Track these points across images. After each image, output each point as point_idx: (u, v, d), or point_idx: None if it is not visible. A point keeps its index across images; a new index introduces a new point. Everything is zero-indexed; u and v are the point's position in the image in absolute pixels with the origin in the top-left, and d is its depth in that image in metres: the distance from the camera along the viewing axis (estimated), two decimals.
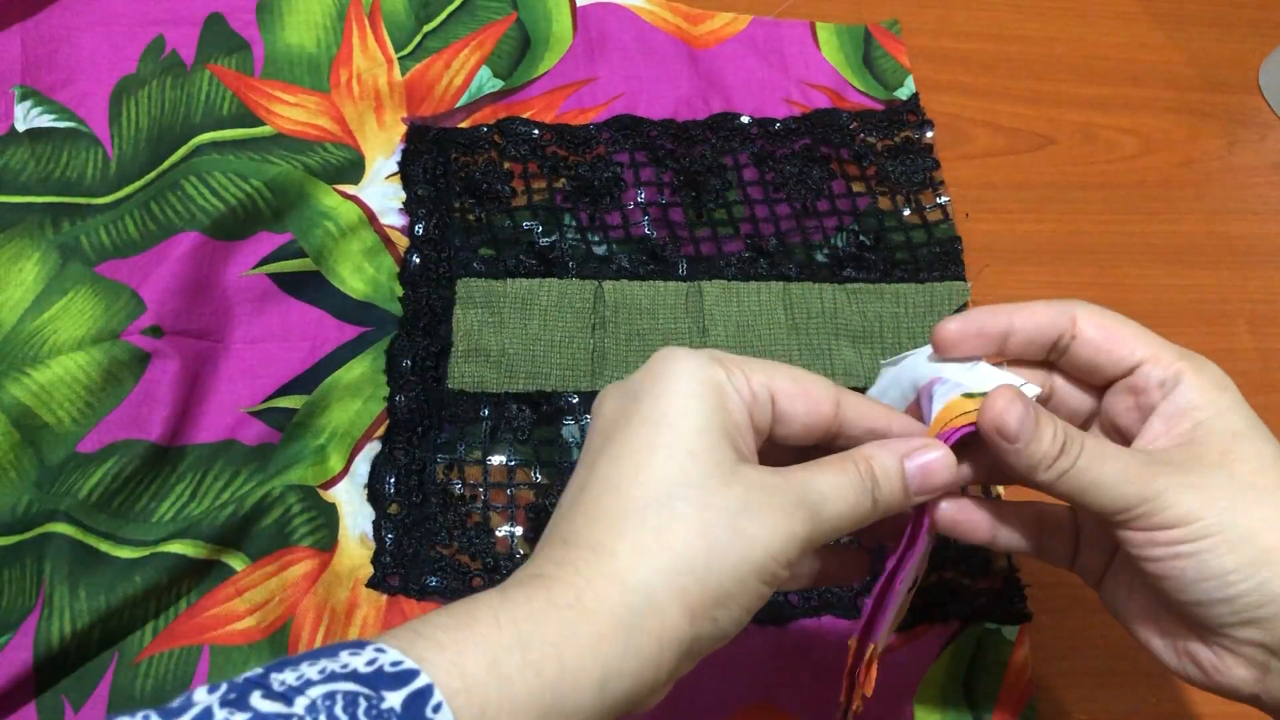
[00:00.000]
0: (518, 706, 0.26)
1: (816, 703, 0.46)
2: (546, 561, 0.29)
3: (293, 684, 0.25)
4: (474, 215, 0.56)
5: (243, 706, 0.24)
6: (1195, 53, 0.54)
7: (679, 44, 0.62)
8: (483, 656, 0.26)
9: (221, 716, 0.24)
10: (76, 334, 0.50)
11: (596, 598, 0.28)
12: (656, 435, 0.30)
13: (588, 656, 0.27)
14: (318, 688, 0.24)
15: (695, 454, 0.30)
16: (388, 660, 0.25)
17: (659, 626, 0.28)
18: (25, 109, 0.56)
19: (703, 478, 0.29)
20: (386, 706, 0.24)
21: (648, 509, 0.29)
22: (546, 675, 0.27)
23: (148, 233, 0.52)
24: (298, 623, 0.46)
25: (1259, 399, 0.54)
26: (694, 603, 0.29)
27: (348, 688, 0.25)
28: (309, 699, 0.24)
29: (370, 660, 0.25)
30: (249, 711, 0.24)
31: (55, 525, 0.46)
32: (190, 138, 0.55)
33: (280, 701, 0.24)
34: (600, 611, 0.28)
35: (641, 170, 0.58)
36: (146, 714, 0.24)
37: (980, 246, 0.57)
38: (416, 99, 0.58)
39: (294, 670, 0.25)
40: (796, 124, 0.60)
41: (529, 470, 0.50)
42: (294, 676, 0.25)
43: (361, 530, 0.48)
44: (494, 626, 0.27)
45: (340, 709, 0.24)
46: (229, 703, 0.24)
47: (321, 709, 0.24)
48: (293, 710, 0.24)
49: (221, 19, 0.59)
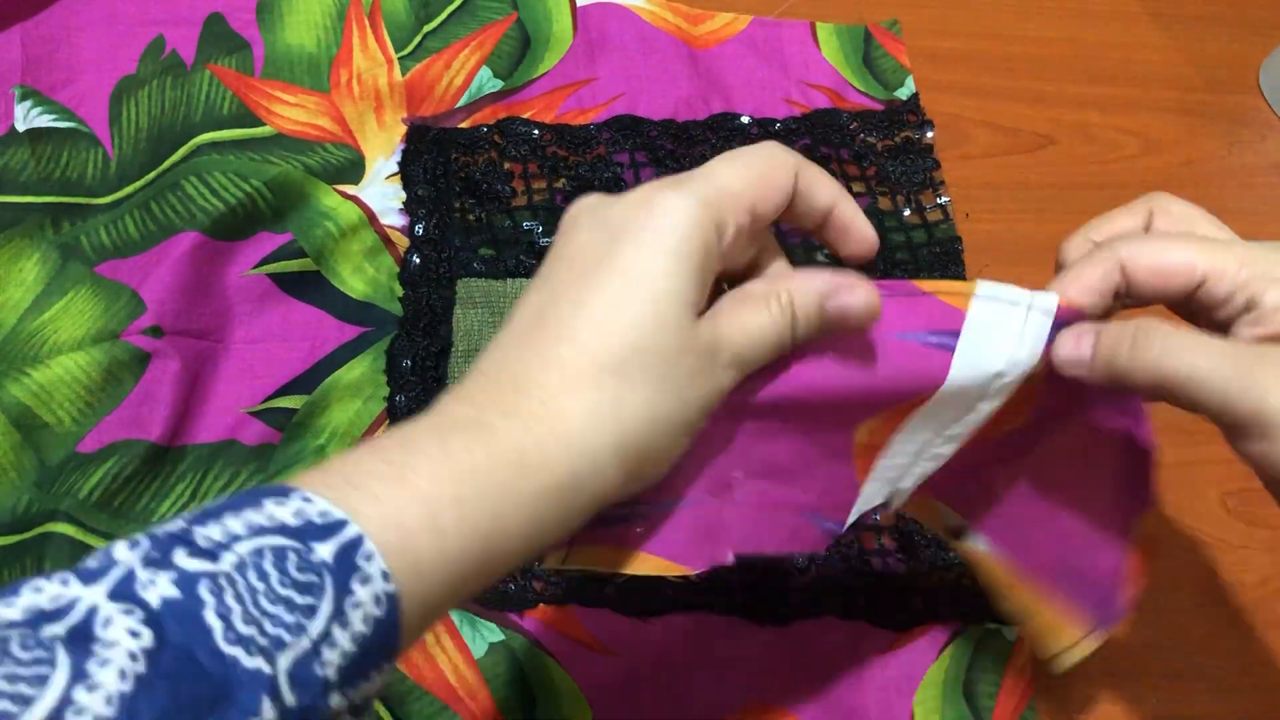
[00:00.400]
0: (450, 559, 0.26)
1: (816, 702, 0.46)
2: (492, 406, 0.29)
3: (219, 540, 0.24)
4: (474, 215, 0.56)
5: (166, 565, 0.23)
6: (1195, 53, 0.54)
7: (679, 44, 0.62)
8: (420, 512, 0.26)
9: (145, 578, 0.23)
10: (76, 334, 0.50)
11: (543, 458, 0.28)
12: (629, 291, 0.29)
13: (525, 513, 0.28)
14: (245, 543, 0.24)
15: (663, 320, 0.29)
16: (315, 511, 0.25)
17: (598, 487, 0.29)
18: (25, 109, 0.56)
19: (662, 347, 0.29)
20: (317, 560, 0.24)
21: (605, 373, 0.29)
22: (481, 530, 0.27)
23: (148, 233, 0.52)
24: None
25: None
26: (633, 465, 0.29)
27: (276, 542, 0.24)
28: (236, 556, 0.24)
29: (297, 511, 0.25)
30: (173, 571, 0.23)
31: (55, 525, 0.46)
32: (190, 137, 0.55)
33: (206, 559, 0.23)
34: (544, 471, 0.28)
35: (642, 170, 0.58)
36: (65, 576, 0.23)
37: (980, 246, 0.57)
38: (417, 99, 0.58)
39: (217, 524, 0.24)
40: (796, 124, 0.60)
41: None
42: (219, 531, 0.24)
43: None
44: (433, 482, 0.26)
45: (269, 564, 0.24)
46: (152, 562, 0.23)
47: (250, 564, 0.23)
48: (219, 567, 0.23)
49: (221, 19, 0.59)
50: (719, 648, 0.47)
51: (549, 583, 0.48)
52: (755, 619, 0.48)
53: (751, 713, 0.46)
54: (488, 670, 0.46)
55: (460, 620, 0.47)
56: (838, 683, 0.47)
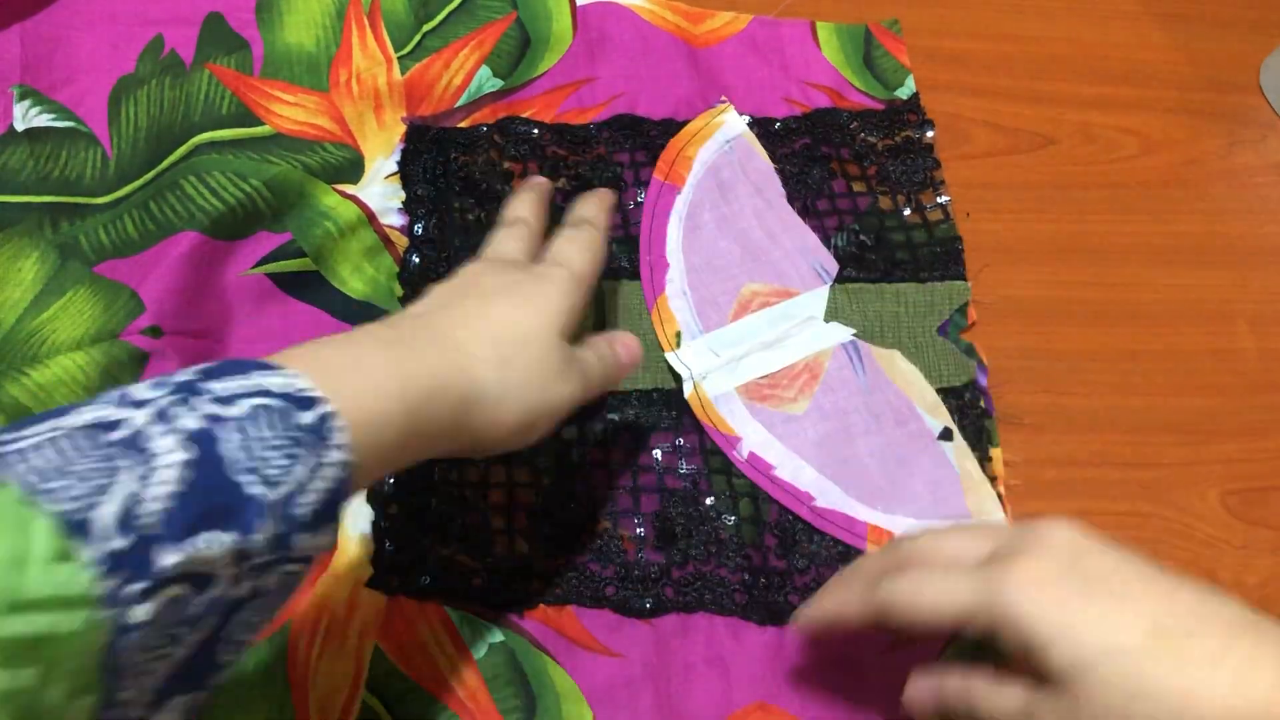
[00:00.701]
0: (386, 441, 0.34)
1: (816, 702, 0.46)
2: (418, 337, 0.38)
3: (229, 393, 0.30)
4: (474, 215, 0.56)
5: (191, 405, 0.29)
6: (1196, 53, 0.54)
7: (679, 43, 0.62)
8: (372, 402, 0.34)
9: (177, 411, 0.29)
10: (75, 334, 0.50)
11: (450, 380, 0.37)
12: (531, 307, 0.41)
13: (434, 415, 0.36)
14: (246, 401, 0.30)
15: (543, 330, 0.41)
16: (297, 386, 0.31)
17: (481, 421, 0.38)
18: (24, 109, 0.56)
19: (540, 345, 0.40)
20: (304, 423, 0.31)
21: (499, 345, 0.39)
22: (410, 421, 0.35)
23: (147, 232, 0.52)
24: (296, 624, 0.46)
25: (1259, 399, 0.55)
26: (505, 418, 0.39)
27: (271, 403, 0.30)
28: (241, 408, 0.30)
29: (284, 384, 0.31)
30: (198, 410, 0.29)
31: None
32: (189, 137, 0.55)
33: (222, 405, 0.30)
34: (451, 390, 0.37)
35: (642, 170, 0.57)
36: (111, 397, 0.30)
37: (981, 246, 0.57)
38: (416, 99, 0.58)
39: (221, 382, 0.31)
40: (797, 123, 0.60)
41: (528, 470, 0.50)
42: (225, 388, 0.30)
43: (361, 530, 0.48)
44: (384, 378, 0.35)
45: (265, 420, 0.30)
46: (180, 400, 0.29)
47: (254, 417, 0.30)
48: (231, 413, 0.30)
49: (221, 18, 0.59)
50: (719, 648, 0.47)
51: (549, 583, 0.48)
52: (755, 619, 0.48)
53: (752, 713, 0.46)
54: (487, 671, 0.46)
55: (460, 621, 0.47)
56: (838, 683, 0.47)
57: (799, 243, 0.56)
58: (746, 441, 0.51)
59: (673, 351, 0.53)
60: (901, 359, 0.53)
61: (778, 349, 0.53)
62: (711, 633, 0.48)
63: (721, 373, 0.53)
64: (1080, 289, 0.58)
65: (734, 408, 0.52)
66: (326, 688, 0.45)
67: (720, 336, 0.53)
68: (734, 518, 0.50)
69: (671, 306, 0.54)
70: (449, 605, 0.47)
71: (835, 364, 0.53)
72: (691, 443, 0.51)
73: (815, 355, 0.53)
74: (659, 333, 0.54)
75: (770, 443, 0.51)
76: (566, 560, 0.48)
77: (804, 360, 0.53)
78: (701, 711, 0.46)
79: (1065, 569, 0.35)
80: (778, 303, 0.54)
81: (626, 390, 0.52)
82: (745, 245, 0.56)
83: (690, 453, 0.51)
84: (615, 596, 0.48)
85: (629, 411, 0.52)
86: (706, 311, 0.54)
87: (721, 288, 0.55)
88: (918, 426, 0.52)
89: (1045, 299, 0.57)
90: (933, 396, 0.53)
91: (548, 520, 0.49)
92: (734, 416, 0.52)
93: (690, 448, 0.51)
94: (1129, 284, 0.58)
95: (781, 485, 0.50)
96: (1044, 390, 0.54)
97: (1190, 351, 0.56)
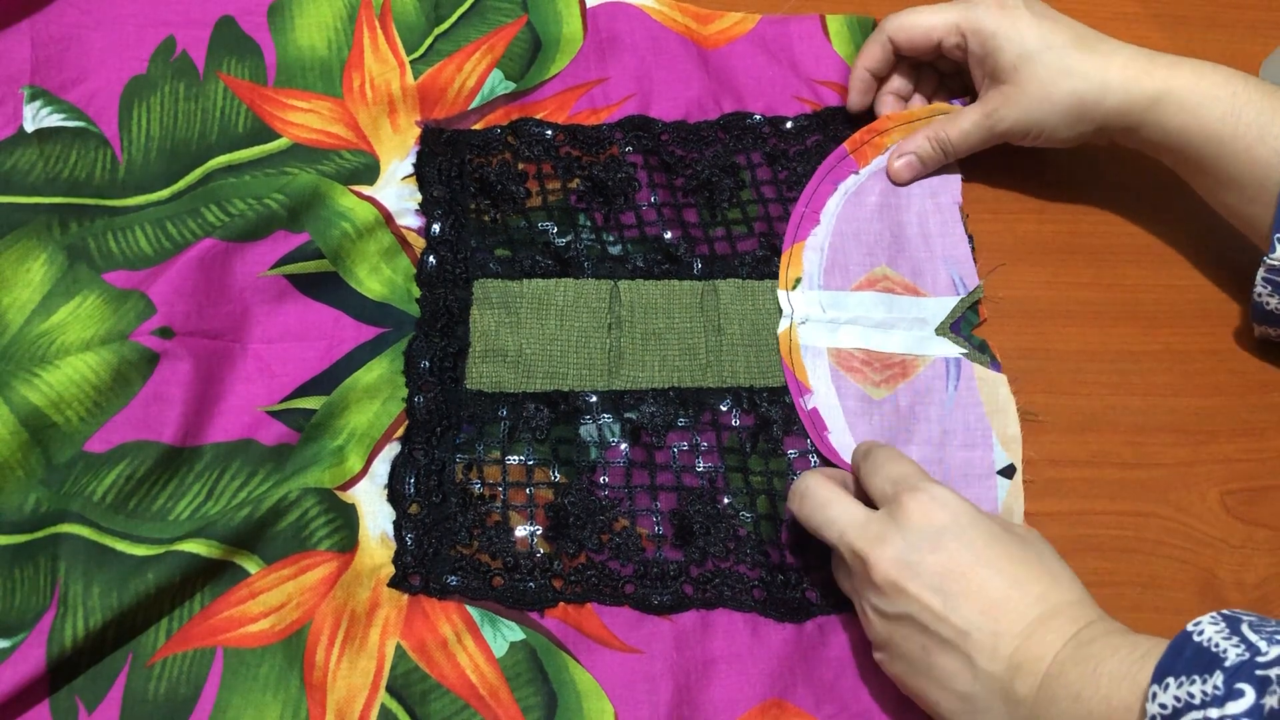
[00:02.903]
0: None
1: (832, 700, 0.47)
2: None
3: None
4: (489, 216, 0.56)
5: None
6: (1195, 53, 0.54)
7: (689, 44, 0.62)
8: None
9: None
10: (84, 335, 0.50)
11: None
12: None
13: None
14: None
15: None
16: None
17: None
18: (35, 109, 0.56)
19: None
20: None
21: None
22: None
23: (161, 249, 0.52)
24: (316, 625, 0.46)
25: (1257, 399, 0.55)
26: None
27: None
28: None
29: None
30: None
31: (68, 526, 0.46)
32: (206, 158, 0.55)
33: None
34: None
35: (655, 171, 0.58)
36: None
37: (980, 246, 0.58)
38: (429, 102, 0.58)
39: None
40: (808, 121, 0.60)
41: (547, 469, 0.51)
42: None
43: (382, 530, 0.49)
44: None
45: None
46: None
47: None
48: None
49: (232, 21, 0.59)
50: (738, 645, 0.48)
51: (569, 581, 0.48)
52: (774, 616, 0.48)
53: (769, 709, 0.47)
54: (509, 669, 0.46)
55: (481, 619, 0.47)
56: (856, 679, 0.47)
57: (949, 251, 0.57)
58: (816, 396, 0.52)
59: (786, 291, 0.55)
60: (1005, 386, 0.54)
61: (882, 333, 0.54)
62: (730, 629, 0.48)
63: (820, 327, 0.54)
64: (1080, 289, 0.58)
65: (819, 363, 0.53)
66: (346, 690, 0.45)
67: (835, 298, 0.55)
68: (751, 515, 0.51)
69: (804, 255, 0.56)
70: (470, 604, 0.48)
71: (930, 371, 0.54)
72: (709, 441, 0.52)
73: (916, 356, 0.54)
74: (782, 273, 0.55)
75: (836, 410, 0.52)
76: (586, 558, 0.49)
77: (903, 355, 0.54)
78: (719, 706, 0.46)
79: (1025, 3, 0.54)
80: (902, 294, 0.55)
81: (643, 389, 0.53)
82: (897, 234, 0.57)
83: (708, 451, 0.52)
84: (634, 594, 0.48)
85: (646, 410, 0.52)
86: (834, 272, 0.56)
87: (858, 259, 0.56)
88: (984, 455, 0.52)
89: (1045, 299, 0.57)
90: (1014, 430, 0.53)
91: (567, 519, 0.50)
92: (815, 371, 0.53)
93: (708, 446, 0.52)
94: (1128, 284, 0.58)
95: (829, 447, 0.51)
96: (1044, 390, 0.55)
97: (1189, 351, 0.57)
